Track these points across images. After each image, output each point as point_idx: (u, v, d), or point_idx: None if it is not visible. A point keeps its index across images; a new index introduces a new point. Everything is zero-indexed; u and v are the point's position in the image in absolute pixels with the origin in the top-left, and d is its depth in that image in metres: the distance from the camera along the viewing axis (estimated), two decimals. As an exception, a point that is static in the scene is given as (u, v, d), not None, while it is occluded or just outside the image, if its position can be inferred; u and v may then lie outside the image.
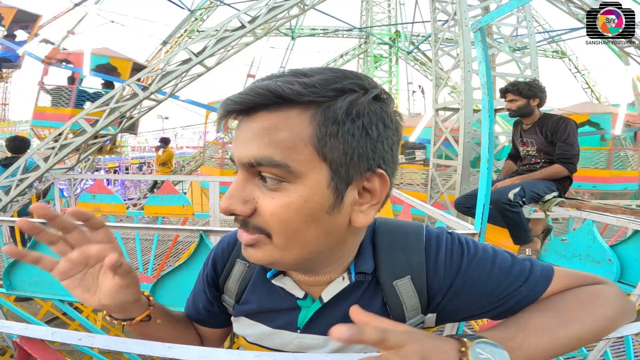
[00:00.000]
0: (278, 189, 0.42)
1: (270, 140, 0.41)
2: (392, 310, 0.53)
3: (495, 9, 1.50)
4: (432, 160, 5.32)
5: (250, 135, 0.42)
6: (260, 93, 0.40)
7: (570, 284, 0.53)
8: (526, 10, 4.60)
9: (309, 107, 0.41)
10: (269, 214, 0.42)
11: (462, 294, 0.52)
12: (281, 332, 0.56)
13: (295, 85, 0.40)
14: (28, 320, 1.69)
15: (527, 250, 2.20)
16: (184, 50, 4.25)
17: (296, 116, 0.41)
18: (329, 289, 0.53)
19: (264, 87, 0.40)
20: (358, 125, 0.42)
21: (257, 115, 0.42)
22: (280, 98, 0.40)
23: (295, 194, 0.41)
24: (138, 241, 3.33)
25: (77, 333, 0.52)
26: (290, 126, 0.40)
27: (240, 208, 0.43)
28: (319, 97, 0.40)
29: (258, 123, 0.41)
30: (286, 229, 0.43)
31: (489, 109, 1.52)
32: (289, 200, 0.41)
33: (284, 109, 0.41)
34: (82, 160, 5.28)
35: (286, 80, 0.40)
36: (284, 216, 0.42)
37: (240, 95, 0.41)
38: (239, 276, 0.60)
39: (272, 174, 0.41)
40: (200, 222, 5.15)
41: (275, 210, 0.42)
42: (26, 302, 2.86)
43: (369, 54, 11.62)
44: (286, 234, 0.43)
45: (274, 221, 0.42)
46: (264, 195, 0.43)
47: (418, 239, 0.55)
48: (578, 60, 11.66)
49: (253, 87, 0.41)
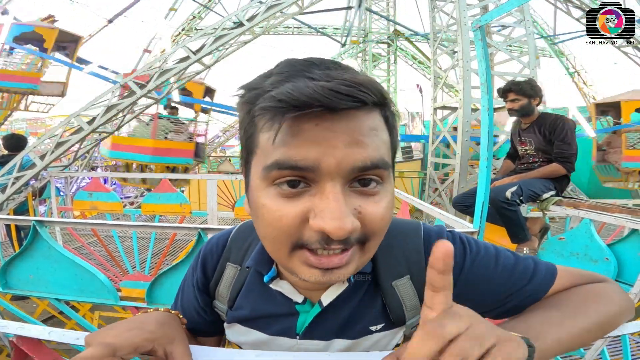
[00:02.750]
0: (378, 192, 0.39)
1: (380, 142, 0.39)
2: (392, 311, 0.52)
3: (495, 8, 1.49)
4: (430, 159, 5.33)
5: (355, 137, 0.37)
6: (369, 89, 0.36)
7: (573, 282, 0.53)
8: (525, 9, 4.61)
9: (375, 109, 0.39)
10: (380, 219, 0.39)
11: (465, 293, 0.51)
12: (280, 339, 0.54)
13: (366, 88, 0.36)
14: (24, 320, 1.68)
15: (525, 249, 2.21)
16: (182, 48, 4.23)
17: (380, 118, 0.40)
18: (328, 292, 0.51)
19: (369, 83, 0.36)
20: (397, 126, 0.44)
21: (349, 114, 0.36)
22: (382, 98, 0.38)
23: (389, 194, 0.41)
24: (135, 239, 3.31)
25: (74, 332, 0.51)
26: (383, 129, 0.40)
27: (357, 224, 0.38)
28: (383, 100, 0.39)
29: (358, 122, 0.37)
30: (386, 229, 0.42)
31: (489, 108, 1.52)
32: (387, 200, 0.40)
33: (371, 109, 0.38)
34: (78, 158, 5.25)
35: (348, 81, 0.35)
36: (389, 217, 0.41)
37: (347, 87, 0.35)
38: (230, 280, 0.57)
39: (379, 177, 0.39)
40: (198, 220, 5.14)
41: (384, 213, 0.40)
42: (22, 300, 2.84)
43: (367, 53, 11.61)
44: (383, 234, 0.42)
45: (382, 225, 0.40)
46: (366, 201, 0.39)
47: (416, 237, 0.54)
48: (576, 60, 11.69)
49: (351, 79, 0.35)
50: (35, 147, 4.22)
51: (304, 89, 0.34)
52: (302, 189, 0.38)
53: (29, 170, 3.89)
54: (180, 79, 4.42)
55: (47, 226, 1.58)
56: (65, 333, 0.52)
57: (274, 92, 0.36)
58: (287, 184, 0.38)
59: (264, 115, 0.37)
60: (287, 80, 0.37)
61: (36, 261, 1.55)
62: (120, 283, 1.90)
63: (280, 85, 0.36)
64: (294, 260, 0.40)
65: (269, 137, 0.37)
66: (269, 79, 0.39)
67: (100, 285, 1.51)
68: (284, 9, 4.19)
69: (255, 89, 0.39)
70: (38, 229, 1.53)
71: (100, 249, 3.66)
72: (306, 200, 0.38)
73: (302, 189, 0.38)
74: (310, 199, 0.38)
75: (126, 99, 4.15)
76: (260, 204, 0.40)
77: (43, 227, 1.55)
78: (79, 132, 4.11)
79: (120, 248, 3.28)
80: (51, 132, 4.21)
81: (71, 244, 4.05)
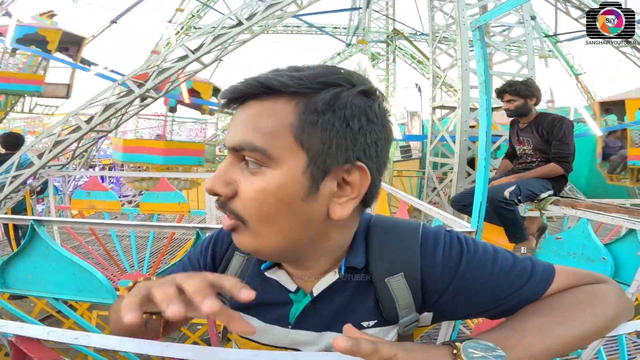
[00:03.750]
0: (257, 172, 0.44)
1: (254, 127, 0.43)
2: (385, 308, 0.52)
3: (494, 8, 1.50)
4: (428, 158, 5.33)
5: (238, 122, 0.45)
6: (250, 84, 0.44)
7: (572, 283, 0.52)
8: (524, 9, 4.62)
9: (294, 98, 0.43)
10: (248, 197, 0.44)
11: (462, 293, 0.51)
12: (274, 327, 0.55)
13: (284, 78, 0.43)
14: (23, 319, 1.68)
15: (523, 249, 2.22)
16: (181, 47, 4.22)
17: (281, 105, 0.43)
18: (320, 283, 0.53)
19: (255, 78, 0.44)
20: (339, 116, 0.43)
21: (248, 104, 0.45)
22: (268, 88, 0.43)
23: (271, 178, 0.43)
24: (133, 238, 3.30)
25: (73, 332, 0.51)
26: (274, 114, 0.43)
27: (222, 189, 0.45)
28: (304, 89, 0.43)
29: (247, 111, 0.45)
30: (260, 214, 0.44)
31: (487, 108, 1.52)
32: (264, 184, 0.43)
33: (272, 99, 0.44)
34: (76, 157, 5.24)
35: (278, 73, 0.44)
36: (260, 200, 0.43)
37: (234, 85, 0.45)
38: (237, 269, 0.59)
39: (253, 158, 0.43)
40: (197, 220, 5.14)
41: (253, 194, 0.44)
42: (20, 300, 2.83)
43: (365, 52, 11.60)
44: (260, 219, 0.44)
45: (251, 206, 0.44)
46: (245, 179, 0.44)
47: (413, 236, 0.54)
48: (574, 60, 11.71)
49: (248, 78, 0.44)
50: (33, 145, 4.20)
51: (231, 85, 0.46)
52: None
53: (26, 169, 3.88)
54: (178, 78, 4.41)
55: (45, 225, 1.57)
56: (64, 333, 0.52)
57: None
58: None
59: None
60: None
61: (34, 260, 1.55)
62: (119, 282, 1.90)
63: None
64: None
65: None
66: None
67: (98, 285, 1.50)
68: (283, 7, 4.18)
69: None
70: (36, 228, 1.52)
71: (98, 248, 3.65)
72: None
73: None
74: None
75: (124, 97, 4.14)
76: None
77: (41, 226, 1.54)
78: (77, 130, 4.10)
79: (119, 247, 3.27)
80: (49, 130, 4.20)
81: (69, 243, 4.05)
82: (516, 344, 0.41)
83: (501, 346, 0.39)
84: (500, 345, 0.39)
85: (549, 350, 0.42)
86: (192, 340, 2.42)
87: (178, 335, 2.93)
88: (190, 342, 2.41)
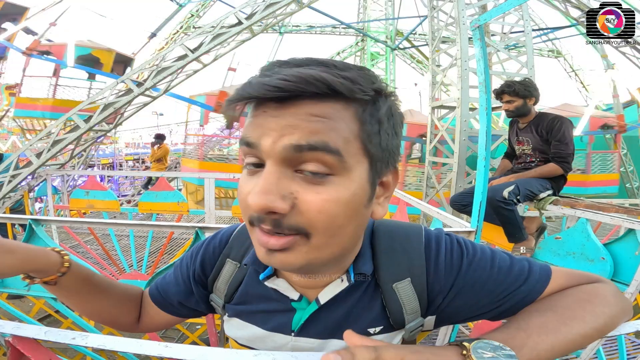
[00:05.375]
0: (324, 182, 0.39)
1: (325, 127, 0.39)
2: (392, 314, 0.52)
3: (494, 8, 1.50)
4: (428, 157, 5.33)
5: (293, 122, 0.39)
6: (309, 81, 0.37)
7: (568, 283, 0.53)
8: (523, 9, 4.62)
9: (351, 103, 0.40)
10: (316, 210, 0.39)
11: (463, 294, 0.52)
12: (275, 335, 0.55)
13: (344, 80, 0.39)
14: (20, 319, 1.67)
15: (522, 249, 2.22)
16: (180, 46, 4.21)
17: (343, 110, 0.40)
18: (327, 290, 0.51)
19: (313, 76, 0.38)
20: (392, 124, 0.44)
21: (297, 103, 0.39)
22: (332, 90, 0.38)
23: (344, 188, 0.40)
24: (132, 238, 3.29)
25: (70, 332, 0.51)
26: (342, 118, 0.40)
27: (281, 204, 0.38)
28: (365, 95, 0.41)
29: (303, 110, 0.39)
30: (331, 226, 0.40)
31: (487, 107, 1.52)
32: (336, 194, 0.39)
33: (330, 100, 0.39)
34: (75, 156, 5.23)
35: (328, 71, 0.39)
36: (333, 212, 0.40)
37: (281, 81, 0.37)
38: (229, 276, 0.58)
39: (323, 164, 0.39)
40: (196, 219, 5.13)
41: (324, 206, 0.39)
42: (18, 299, 2.83)
43: (365, 51, 11.61)
44: (329, 232, 0.41)
45: (320, 218, 0.39)
46: (305, 189, 0.39)
47: (418, 241, 0.54)
48: (573, 60, 11.73)
49: (295, 74, 0.38)
50: (31, 145, 4.19)
51: (247, 85, 0.40)
52: (260, 169, 0.41)
53: (25, 169, 3.87)
54: (178, 77, 4.40)
55: (44, 225, 1.57)
56: (61, 332, 0.51)
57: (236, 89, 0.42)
58: (253, 165, 0.42)
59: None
60: (252, 79, 0.41)
61: (32, 260, 1.54)
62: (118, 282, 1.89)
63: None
64: (253, 237, 0.44)
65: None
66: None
67: (97, 284, 1.50)
68: (283, 7, 4.17)
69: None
70: (34, 228, 1.52)
71: (97, 248, 3.64)
72: (257, 179, 0.41)
73: (260, 169, 0.41)
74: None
75: (123, 97, 4.13)
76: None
77: (39, 225, 1.54)
78: (75, 130, 4.09)
79: (117, 246, 3.27)
80: (48, 130, 4.19)
81: (68, 242, 4.04)
82: (523, 344, 0.41)
83: (509, 346, 0.39)
84: (508, 345, 0.39)
85: (554, 348, 0.42)
86: (191, 340, 2.42)
87: (177, 335, 2.92)
88: (189, 342, 2.41)
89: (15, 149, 11.17)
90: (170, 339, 2.90)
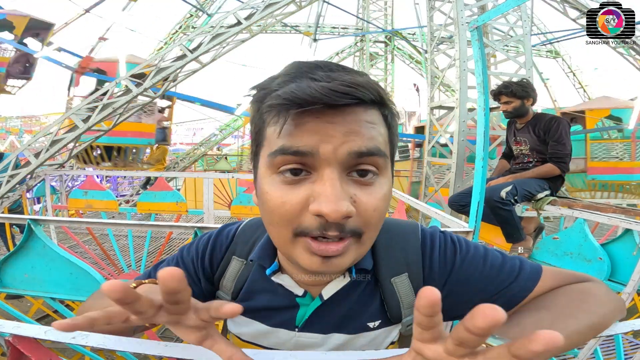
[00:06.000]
0: (372, 182, 0.42)
1: (376, 133, 0.42)
2: (390, 308, 0.54)
3: (492, 8, 1.50)
4: (426, 158, 5.34)
5: (353, 128, 0.40)
6: (367, 89, 0.40)
7: (559, 282, 0.54)
8: (522, 10, 4.63)
9: (382, 109, 0.44)
10: (372, 209, 0.42)
11: (456, 291, 0.53)
12: (279, 330, 0.56)
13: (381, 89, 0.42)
14: (19, 319, 1.67)
15: (520, 249, 2.23)
16: (179, 46, 4.21)
17: (379, 115, 0.44)
18: (330, 286, 0.53)
19: (369, 84, 0.40)
20: (396, 125, 0.47)
21: (352, 110, 0.40)
22: (380, 98, 0.42)
23: (386, 186, 0.44)
24: (131, 238, 3.29)
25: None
26: (380, 123, 0.43)
27: (352, 209, 0.40)
28: (391, 103, 0.45)
29: (359, 117, 0.41)
30: (379, 222, 0.44)
31: (485, 108, 1.53)
32: (382, 192, 0.43)
33: (374, 107, 0.43)
34: (73, 157, 5.21)
35: (368, 79, 0.42)
36: (383, 209, 0.43)
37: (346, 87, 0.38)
38: (235, 274, 0.59)
39: (375, 166, 0.42)
40: (194, 219, 5.13)
41: (378, 204, 0.42)
42: (17, 299, 2.82)
43: (364, 52, 11.61)
44: (378, 227, 0.44)
45: (374, 216, 0.42)
46: (361, 190, 0.42)
47: (415, 237, 0.56)
48: (571, 60, 11.76)
49: (352, 80, 0.39)
50: (29, 145, 4.18)
51: (306, 88, 0.38)
52: (303, 176, 0.41)
53: (23, 169, 3.86)
54: (177, 77, 4.39)
55: (42, 225, 1.57)
56: (61, 332, 0.52)
57: (280, 92, 0.39)
58: (290, 172, 0.41)
59: (270, 111, 0.41)
60: (292, 80, 0.40)
61: (31, 260, 1.54)
62: (116, 282, 1.89)
63: (286, 85, 0.40)
64: (297, 247, 0.43)
65: (275, 130, 0.41)
66: (277, 80, 0.42)
67: (95, 284, 1.50)
68: (282, 7, 4.17)
69: (264, 89, 0.43)
70: (33, 228, 1.52)
71: (95, 248, 3.64)
72: (307, 188, 0.41)
73: (303, 176, 0.41)
74: (311, 186, 0.41)
75: (122, 97, 4.12)
76: (265, 190, 0.43)
77: (38, 225, 1.54)
78: (73, 130, 4.08)
79: (116, 247, 3.26)
80: (46, 130, 4.18)
81: (66, 242, 4.03)
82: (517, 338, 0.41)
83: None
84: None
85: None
86: (190, 340, 2.41)
87: (177, 335, 2.92)
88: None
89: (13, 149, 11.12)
90: (169, 338, 2.90)
